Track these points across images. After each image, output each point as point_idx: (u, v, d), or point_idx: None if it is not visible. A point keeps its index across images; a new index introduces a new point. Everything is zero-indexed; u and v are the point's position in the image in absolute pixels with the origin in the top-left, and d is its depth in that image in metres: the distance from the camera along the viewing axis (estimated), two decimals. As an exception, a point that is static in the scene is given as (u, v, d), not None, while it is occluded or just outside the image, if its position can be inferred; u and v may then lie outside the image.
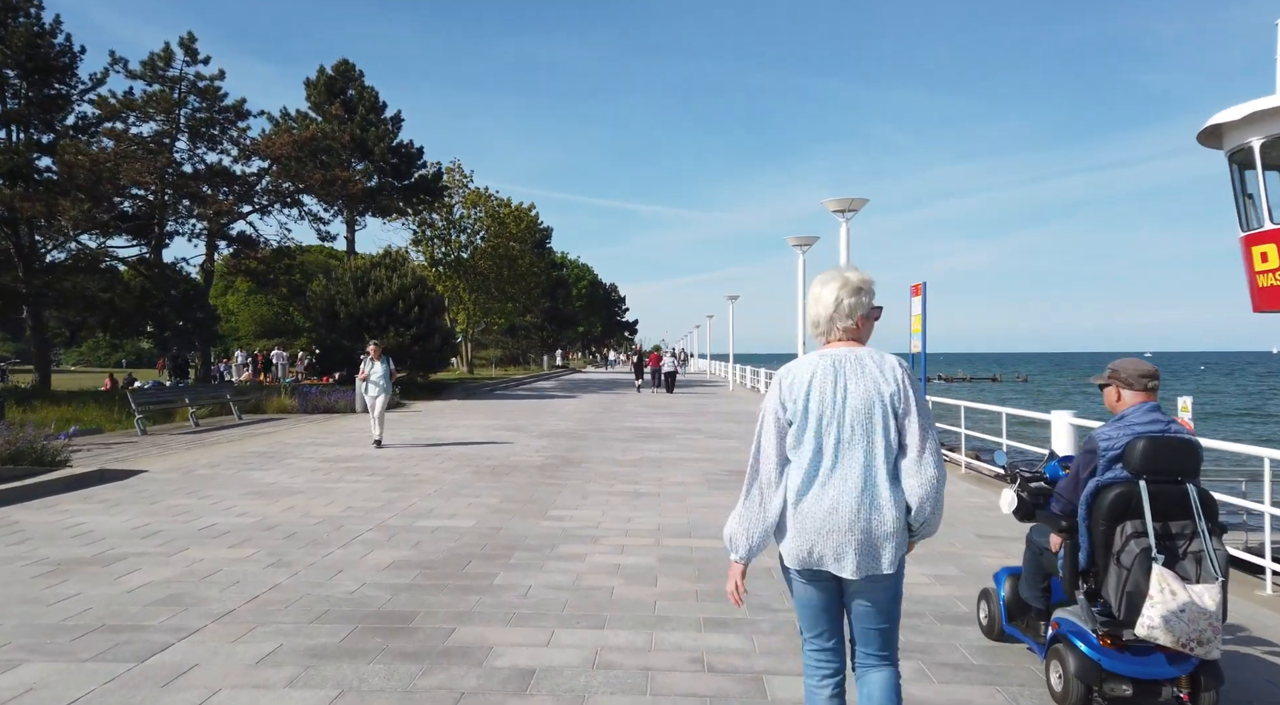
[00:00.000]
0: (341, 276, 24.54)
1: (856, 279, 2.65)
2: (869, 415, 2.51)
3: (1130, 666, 3.30)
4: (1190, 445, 3.30)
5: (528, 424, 17.16)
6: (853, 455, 2.50)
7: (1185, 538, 3.23)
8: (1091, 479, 3.38)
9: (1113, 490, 3.27)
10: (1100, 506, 3.30)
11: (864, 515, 2.47)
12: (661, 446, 13.32)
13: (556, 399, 26.37)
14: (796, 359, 2.71)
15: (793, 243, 16.61)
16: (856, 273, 2.68)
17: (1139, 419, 3.37)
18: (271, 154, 27.94)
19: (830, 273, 2.71)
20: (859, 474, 2.49)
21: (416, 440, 13.85)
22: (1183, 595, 3.08)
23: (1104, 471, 3.35)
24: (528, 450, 12.61)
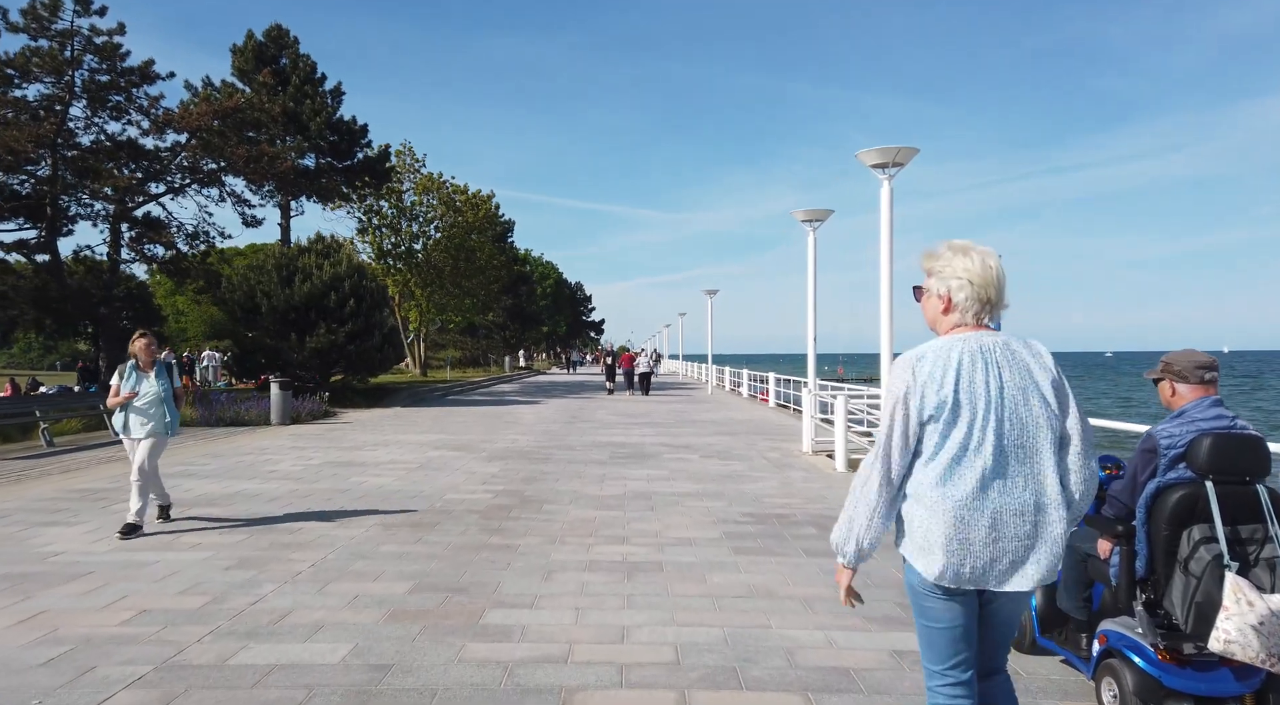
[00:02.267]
0: (264, 263, 21.03)
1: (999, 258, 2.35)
2: (1029, 409, 2.22)
3: (1194, 683, 2.99)
4: (1258, 442, 3.05)
5: (478, 440, 13.93)
6: (1015, 455, 2.21)
7: (1256, 543, 2.95)
8: (1151, 480, 3.12)
9: (1177, 492, 3.01)
10: (1163, 510, 3.02)
11: (1033, 520, 2.20)
12: (648, 473, 10.21)
13: (517, 405, 23.13)
14: (925, 345, 2.30)
15: (801, 217, 13.64)
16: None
17: (1201, 414, 3.12)
18: (188, 126, 24.34)
19: (961, 243, 2.35)
20: (1024, 475, 2.21)
21: (326, 463, 10.58)
22: (1260, 606, 2.77)
23: (1165, 472, 3.09)
24: (472, 482, 9.41)
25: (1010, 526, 2.19)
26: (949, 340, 2.30)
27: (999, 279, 2.32)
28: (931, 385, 2.23)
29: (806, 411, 12.90)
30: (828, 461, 11.39)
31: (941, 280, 2.35)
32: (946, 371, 2.23)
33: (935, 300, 2.37)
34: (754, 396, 27.30)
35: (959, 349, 2.26)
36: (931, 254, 2.41)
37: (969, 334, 2.30)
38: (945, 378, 2.23)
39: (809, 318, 13.74)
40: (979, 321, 2.32)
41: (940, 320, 2.37)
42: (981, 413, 2.21)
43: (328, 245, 21.80)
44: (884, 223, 9.66)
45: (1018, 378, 2.25)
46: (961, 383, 2.22)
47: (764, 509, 7.83)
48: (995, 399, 2.22)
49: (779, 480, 9.67)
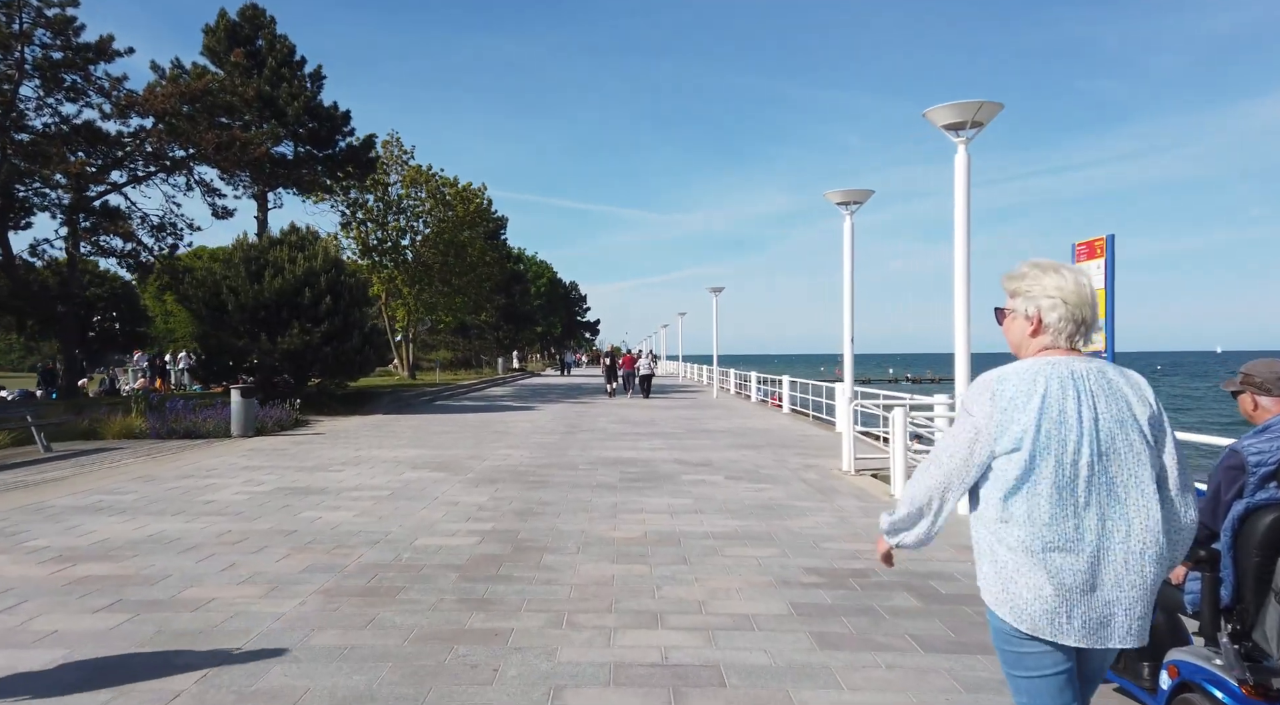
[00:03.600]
0: (231, 256, 19.11)
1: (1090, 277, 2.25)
2: (1127, 444, 2.02)
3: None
4: None
5: (465, 456, 12.07)
6: (1110, 494, 2.00)
7: None
8: (1238, 500, 2.85)
9: (1269, 514, 2.72)
10: (1253, 533, 2.73)
11: (1129, 564, 1.98)
12: (669, 501, 8.38)
13: (510, 411, 21.27)
14: (1008, 366, 2.11)
15: (837, 199, 11.83)
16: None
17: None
18: (153, 109, 22.47)
19: (1047, 261, 2.20)
20: (1121, 517, 1.99)
21: (278, 490, 8.72)
22: None
23: (1255, 492, 2.83)
24: (453, 518, 7.56)
25: (1107, 572, 1.97)
26: (1035, 362, 2.09)
27: (1093, 298, 2.15)
28: (1013, 412, 2.02)
29: (845, 423, 11.09)
30: (879, 485, 9.58)
31: (1030, 300, 2.16)
32: (1031, 397, 2.02)
33: (1022, 322, 2.17)
34: (764, 401, 25.50)
35: (1046, 373, 2.05)
36: (1015, 274, 2.21)
37: (1058, 358, 2.10)
38: (1029, 404, 2.02)
39: (845, 314, 11.94)
40: (1072, 344, 2.14)
41: (1026, 343, 2.17)
42: (1072, 446, 1.99)
43: (302, 237, 19.88)
44: (959, 197, 7.85)
45: (1114, 409, 2.03)
46: (1048, 411, 2.00)
47: (832, 561, 6.01)
48: (1089, 431, 2.00)
49: (832, 513, 7.85)
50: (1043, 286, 2.14)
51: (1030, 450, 1.99)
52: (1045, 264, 2.18)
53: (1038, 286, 2.15)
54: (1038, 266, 2.18)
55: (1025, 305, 2.17)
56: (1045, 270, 2.16)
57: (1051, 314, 2.12)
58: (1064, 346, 2.13)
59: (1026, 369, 2.07)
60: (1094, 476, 1.98)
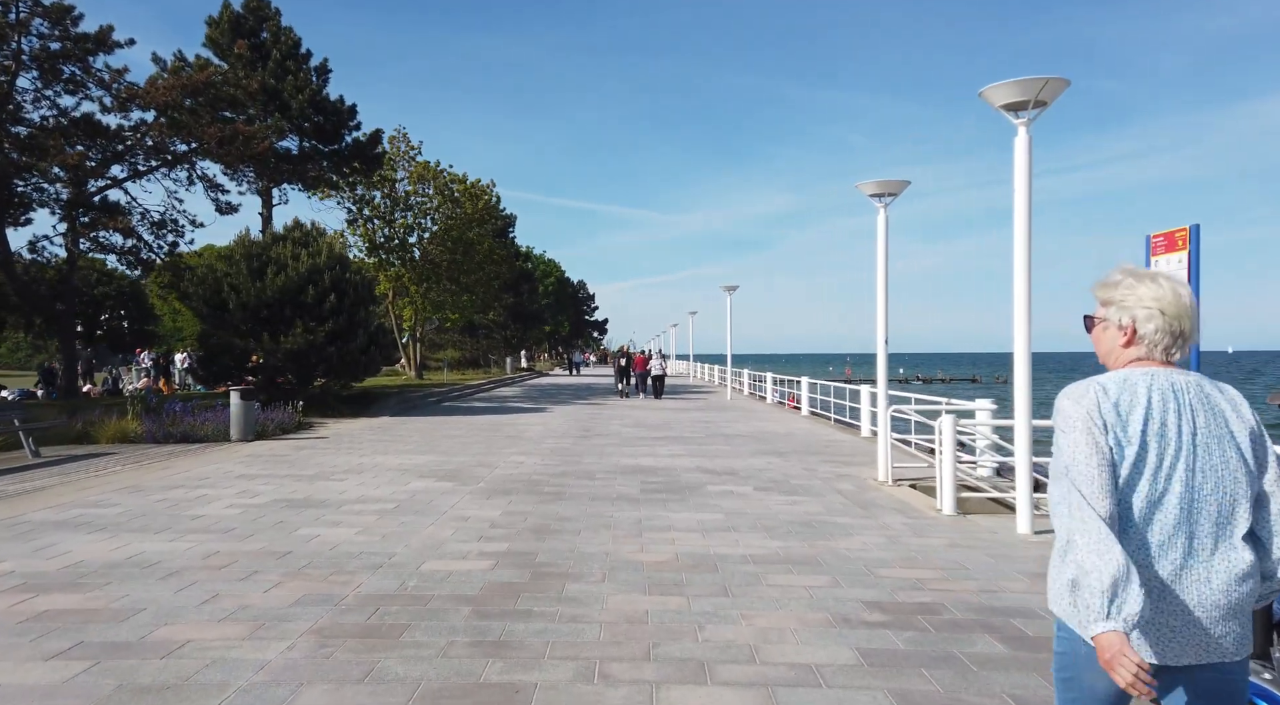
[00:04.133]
0: (232, 253, 18.49)
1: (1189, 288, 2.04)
2: (1225, 461, 1.90)
3: None
4: None
5: (474, 463, 11.39)
6: (1205, 513, 1.88)
7: None
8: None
9: None
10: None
11: (1222, 588, 1.86)
12: (699, 517, 7.69)
13: (520, 412, 20.60)
14: (1104, 376, 2.00)
15: (870, 191, 11.10)
16: None
17: None
18: (155, 102, 21.87)
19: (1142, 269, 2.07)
20: (1214, 537, 1.88)
21: (274, 503, 8.06)
22: None
23: None
24: (463, 536, 6.88)
25: (1194, 594, 1.86)
26: (1132, 372, 1.97)
27: (1193, 310, 2.00)
28: (1119, 417, 1.90)
29: (881, 430, 10.38)
30: (922, 498, 8.86)
31: (1124, 310, 2.03)
32: (1134, 407, 1.91)
33: (1115, 331, 2.05)
34: (780, 403, 24.78)
35: (1146, 384, 1.94)
36: (1108, 283, 2.08)
37: (1157, 369, 1.98)
38: (1132, 415, 1.90)
39: (879, 312, 11.21)
40: (1168, 357, 2.01)
41: (1118, 354, 2.04)
42: (1169, 461, 1.89)
43: (306, 233, 19.24)
44: (1020, 186, 7.14)
45: (1213, 425, 1.92)
46: (1151, 424, 1.89)
47: (891, 593, 5.30)
48: (1188, 447, 1.90)
49: (879, 531, 7.14)
50: (1138, 296, 2.02)
51: (1132, 463, 1.88)
52: (1141, 272, 2.06)
53: (1133, 296, 2.03)
54: (1133, 274, 2.05)
55: (1119, 315, 2.04)
56: (1141, 279, 2.04)
57: (1148, 325, 2.00)
58: (1160, 359, 2.01)
59: (1124, 378, 1.96)
60: (1187, 493, 1.88)
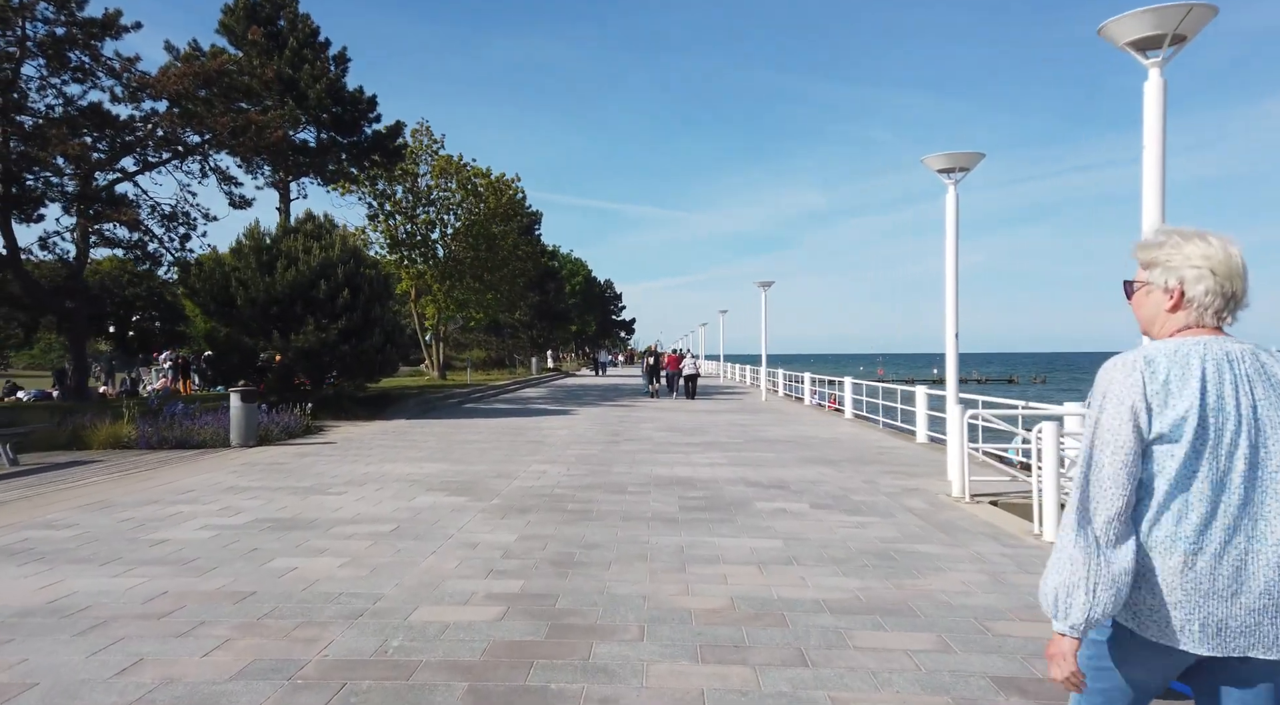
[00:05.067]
0: (241, 247, 17.50)
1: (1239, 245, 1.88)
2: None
3: None
4: None
5: (491, 473, 10.21)
6: (1266, 488, 1.74)
7: None
8: None
9: None
10: None
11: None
12: (751, 543, 6.41)
13: (544, 415, 19.44)
14: (1152, 346, 1.83)
15: (938, 165, 9.77)
16: None
17: None
18: (167, 91, 20.99)
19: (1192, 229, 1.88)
20: (1278, 513, 1.72)
21: (257, 522, 6.91)
22: None
23: None
24: (468, 571, 5.66)
25: (1256, 578, 1.72)
26: (1183, 342, 1.80)
27: (1244, 270, 1.84)
28: (1167, 396, 1.75)
29: (954, 438, 9.03)
30: (1012, 519, 7.51)
31: (1170, 271, 1.86)
32: (1187, 380, 1.75)
33: (1160, 295, 1.88)
34: (821, 405, 23.39)
35: (1200, 353, 1.78)
36: (1150, 243, 1.91)
37: (1209, 338, 1.81)
38: (1185, 389, 1.74)
39: (948, 302, 9.89)
40: (1219, 322, 1.85)
41: (1163, 320, 1.88)
42: (1229, 437, 1.74)
43: (319, 226, 18.21)
44: (1151, 136, 5.78)
45: (1273, 396, 1.77)
46: (1208, 396, 1.74)
47: (1026, 664, 3.99)
48: (1248, 420, 1.74)
49: (975, 565, 5.82)
50: (1185, 255, 1.85)
51: (1187, 440, 1.72)
52: (1187, 231, 1.88)
53: (1179, 255, 1.86)
54: (1178, 233, 1.89)
55: (1165, 277, 1.87)
56: (1188, 238, 1.87)
57: (1197, 287, 1.83)
58: (1210, 324, 1.84)
59: (1175, 349, 1.79)
60: (1250, 471, 1.73)
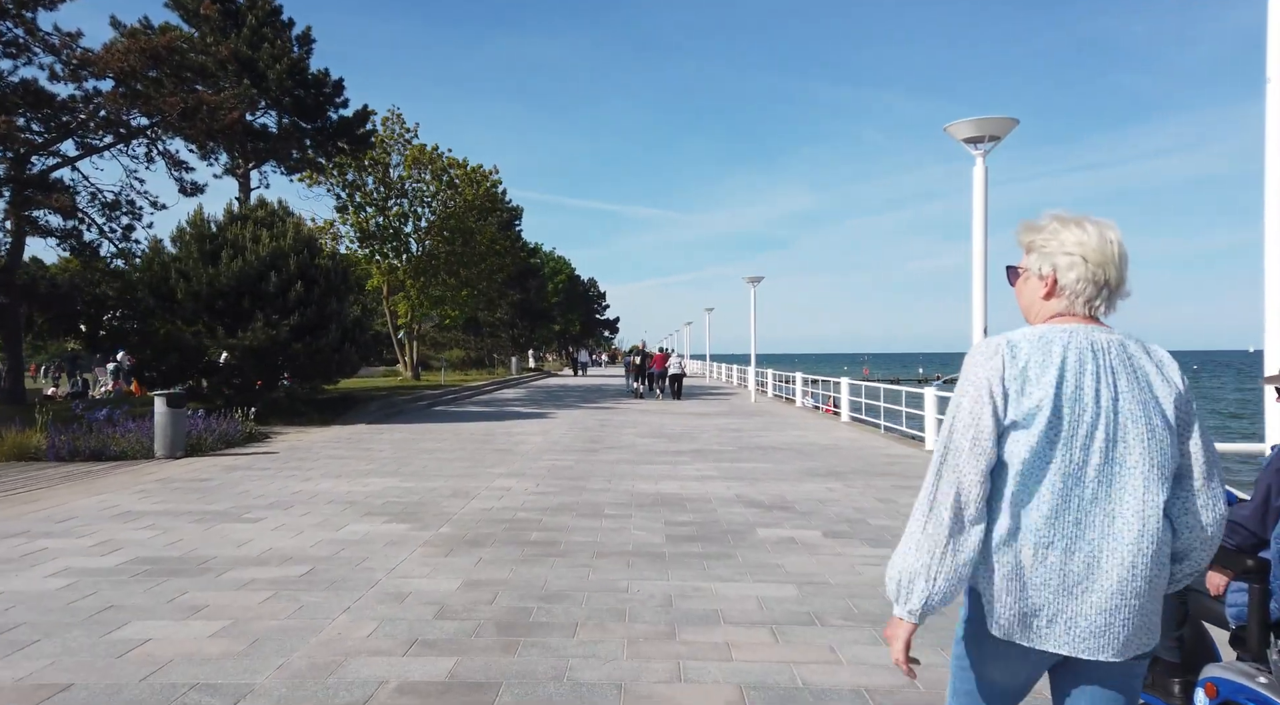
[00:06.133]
0: (182, 234, 15.93)
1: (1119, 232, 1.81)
2: (1147, 427, 1.70)
3: None
4: None
5: (446, 489, 8.76)
6: (1123, 483, 1.69)
7: None
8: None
9: None
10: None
11: (1139, 570, 1.67)
12: (759, 592, 5.01)
13: (520, 418, 17.99)
14: (1018, 331, 1.79)
15: (964, 134, 8.43)
16: None
17: None
18: (111, 68, 19.34)
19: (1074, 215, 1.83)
20: (1132, 513, 1.68)
21: (130, 564, 5.45)
22: None
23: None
24: (387, 634, 4.22)
25: (1108, 576, 1.67)
26: (1049, 329, 1.76)
27: (1120, 257, 1.78)
28: (1024, 383, 1.70)
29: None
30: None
31: (1045, 257, 1.82)
32: (1046, 367, 1.70)
33: (1035, 282, 1.84)
34: (817, 407, 22.06)
35: (1063, 342, 1.73)
36: (1032, 225, 1.86)
37: (1076, 326, 1.77)
38: (1044, 376, 1.70)
39: (975, 292, 8.56)
40: (1091, 311, 1.80)
41: (1038, 307, 1.84)
42: (1086, 428, 1.69)
43: (271, 213, 16.66)
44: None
45: (1135, 389, 1.73)
46: (1065, 386, 1.69)
47: (1203, 821, 2.61)
48: (1106, 412, 1.69)
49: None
50: (1060, 241, 1.80)
51: (1039, 428, 1.67)
52: (1068, 217, 1.82)
53: (1054, 241, 1.81)
54: (1059, 219, 1.83)
55: (1040, 263, 1.83)
56: (1066, 224, 1.81)
57: (1069, 274, 1.78)
58: (1081, 312, 1.79)
59: (1040, 335, 1.75)
60: (1106, 465, 1.68)
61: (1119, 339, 1.77)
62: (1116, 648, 1.69)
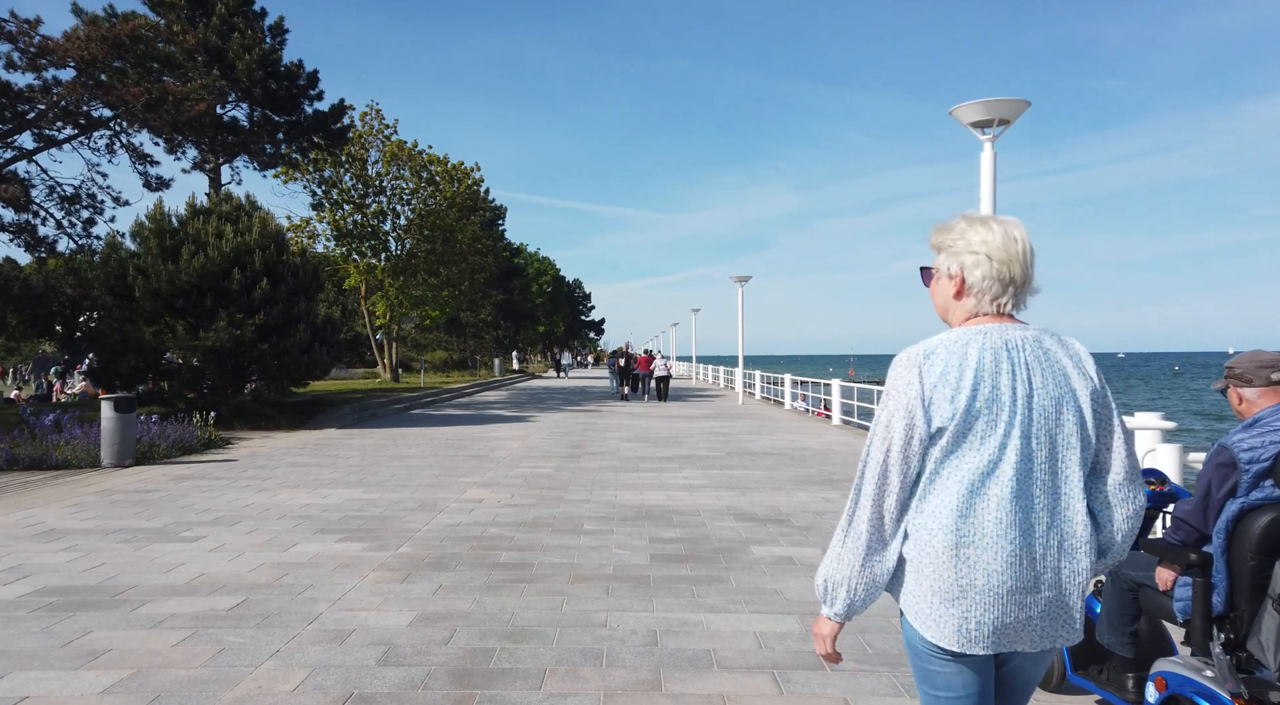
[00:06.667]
0: (140, 229, 15.10)
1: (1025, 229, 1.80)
2: (1061, 424, 1.71)
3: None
4: None
5: (412, 502, 8.05)
6: (1040, 483, 1.69)
7: None
8: (1231, 500, 2.63)
9: (1265, 515, 2.53)
10: (1248, 535, 2.54)
11: (1055, 564, 1.69)
12: (757, 625, 4.35)
13: (500, 422, 17.26)
14: (935, 338, 1.77)
15: (972, 118, 7.74)
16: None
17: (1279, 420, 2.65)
18: (73, 56, 18.49)
19: (983, 215, 1.83)
20: (1050, 509, 1.69)
21: (36, 595, 4.72)
22: None
23: (1249, 490, 2.60)
24: (311, 694, 3.52)
25: (1029, 574, 1.67)
26: (964, 332, 1.75)
27: (1025, 254, 1.77)
28: (944, 389, 1.69)
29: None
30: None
31: (953, 256, 1.81)
32: (964, 372, 1.69)
33: (946, 282, 1.83)
34: (809, 411, 21.44)
35: (978, 344, 1.72)
36: (942, 226, 1.86)
37: (990, 326, 1.75)
38: (962, 380, 1.69)
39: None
40: (1000, 309, 1.78)
41: (953, 308, 1.82)
42: (1003, 427, 1.68)
43: (236, 207, 15.85)
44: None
45: (1050, 384, 1.72)
46: (982, 388, 1.68)
47: None
48: (1022, 410, 1.69)
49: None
50: (966, 241, 1.79)
51: (956, 432, 1.67)
52: (976, 216, 1.82)
53: (961, 241, 1.80)
54: (965, 219, 1.83)
55: (948, 263, 1.82)
56: (973, 223, 1.81)
57: (975, 272, 1.77)
58: (990, 311, 1.78)
59: (955, 340, 1.73)
60: (1022, 462, 1.68)
61: (1034, 334, 1.75)
62: (1033, 639, 1.71)
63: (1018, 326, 1.75)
